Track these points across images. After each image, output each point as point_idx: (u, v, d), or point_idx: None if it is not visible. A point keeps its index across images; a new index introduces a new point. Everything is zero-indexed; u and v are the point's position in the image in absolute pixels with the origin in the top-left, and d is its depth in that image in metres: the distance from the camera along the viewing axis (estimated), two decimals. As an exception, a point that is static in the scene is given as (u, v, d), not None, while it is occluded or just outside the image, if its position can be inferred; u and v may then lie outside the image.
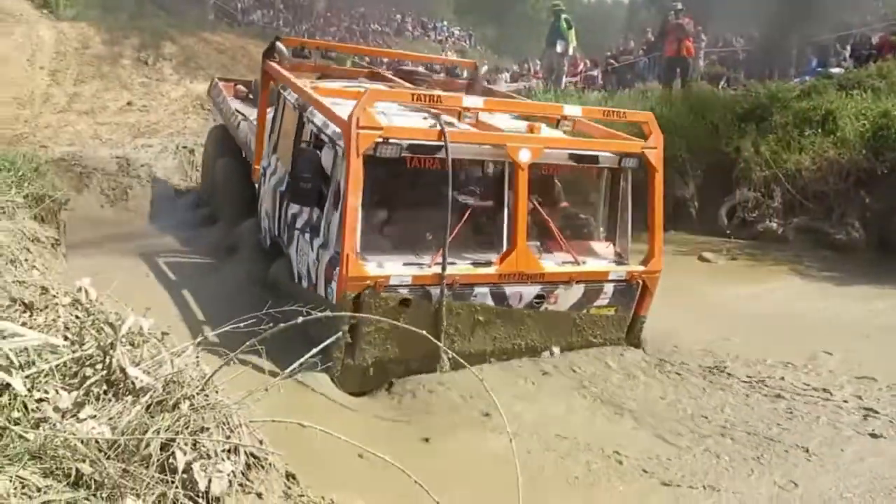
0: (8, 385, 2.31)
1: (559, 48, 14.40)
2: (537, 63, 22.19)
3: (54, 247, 6.64)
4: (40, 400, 2.36)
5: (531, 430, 4.22)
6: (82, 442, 2.14)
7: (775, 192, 9.63)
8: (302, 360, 2.85)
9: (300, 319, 2.81)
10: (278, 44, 7.40)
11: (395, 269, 4.72)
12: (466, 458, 3.96)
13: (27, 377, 2.40)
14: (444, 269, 4.71)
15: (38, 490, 2.00)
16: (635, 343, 5.54)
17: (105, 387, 2.50)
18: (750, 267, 8.45)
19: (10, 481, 1.98)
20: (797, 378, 5.14)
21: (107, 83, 16.23)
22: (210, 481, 2.23)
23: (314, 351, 2.90)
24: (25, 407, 2.30)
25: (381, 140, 4.64)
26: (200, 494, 2.21)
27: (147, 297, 6.27)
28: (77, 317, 2.97)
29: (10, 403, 2.28)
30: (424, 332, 3.09)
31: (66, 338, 2.75)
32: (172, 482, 2.17)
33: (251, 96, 9.65)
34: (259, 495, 2.42)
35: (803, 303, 6.97)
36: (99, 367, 2.57)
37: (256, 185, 7.44)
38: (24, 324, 2.81)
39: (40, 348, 2.56)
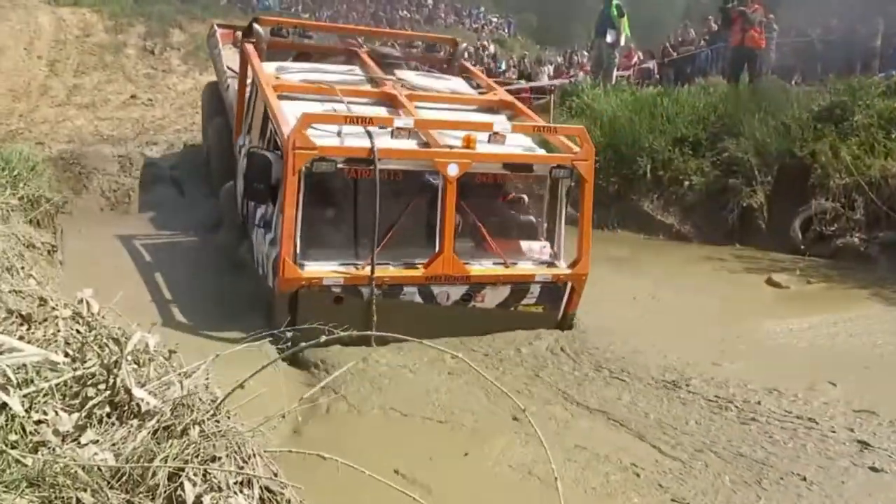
0: (4, 405, 2.37)
1: (609, 38, 14.35)
2: (584, 55, 22.22)
3: (51, 254, 6.80)
4: (39, 422, 2.42)
5: (552, 441, 4.42)
6: (84, 469, 2.19)
7: (857, 202, 9.46)
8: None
9: (323, 339, 2.84)
10: (255, 25, 8.20)
11: (329, 270, 5.90)
12: (505, 472, 4.26)
13: (25, 396, 2.46)
14: (372, 271, 5.85)
15: (36, 521, 2.05)
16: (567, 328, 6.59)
17: (108, 409, 2.56)
18: (826, 290, 8.24)
19: (7, 510, 2.03)
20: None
21: (109, 74, 16.61)
22: (221, 516, 2.26)
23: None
24: (23, 429, 2.36)
25: (316, 158, 5.75)
26: (210, 530, 2.24)
27: (152, 310, 6.57)
28: (78, 331, 3.04)
29: (6, 425, 2.34)
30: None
31: (66, 354, 2.82)
32: (180, 516, 2.20)
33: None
34: (274, 533, 2.45)
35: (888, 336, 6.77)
36: (102, 387, 2.62)
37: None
38: (21, 338, 2.89)
39: (39, 365, 2.63)
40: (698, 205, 10.65)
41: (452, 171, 6.03)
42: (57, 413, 2.46)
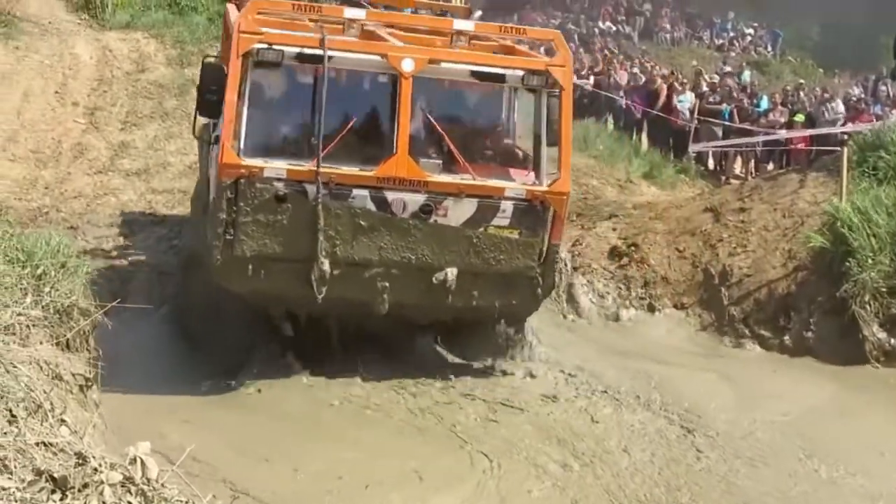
0: None
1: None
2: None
3: (84, 389, 7.32)
4: None
5: None
6: None
7: None
8: None
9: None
10: None
11: (271, 161, 8.36)
12: None
13: None
14: (318, 164, 8.19)
15: None
16: (550, 282, 9.09)
17: None
18: None
19: None
20: None
21: (170, 126, 17.48)
22: None
23: None
24: None
25: (263, 46, 8.33)
26: None
27: (230, 470, 6.98)
28: (130, 504, 3.30)
29: None
30: None
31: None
32: None
33: None
34: None
35: None
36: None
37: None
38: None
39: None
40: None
41: (407, 66, 8.34)
42: None
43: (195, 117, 10.27)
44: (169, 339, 10.55)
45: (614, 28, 35.04)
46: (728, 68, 28.62)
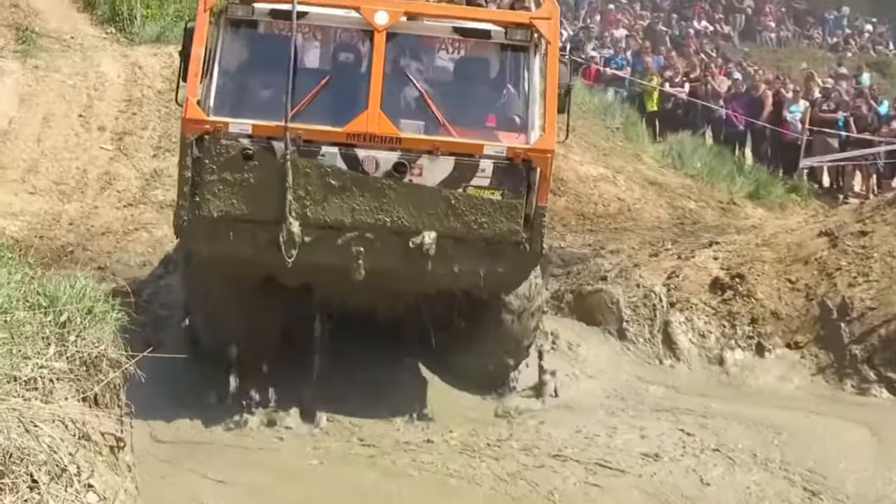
0: None
1: None
2: None
3: (114, 450, 7.32)
4: None
5: None
6: None
7: None
8: None
9: None
10: None
11: (236, 117, 9.19)
12: None
13: None
14: (286, 119, 8.91)
15: None
16: (536, 248, 9.38)
17: None
18: None
19: None
20: None
21: None
22: None
23: None
24: None
25: (232, 1, 9.37)
26: None
27: None
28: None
29: None
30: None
31: None
32: None
33: None
34: None
35: None
36: None
37: None
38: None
39: None
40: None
41: (380, 19, 9.15)
42: None
43: (178, 84, 10.55)
44: (203, 386, 10.57)
45: (711, 28, 34.88)
46: (844, 70, 28.38)
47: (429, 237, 9.09)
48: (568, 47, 26.03)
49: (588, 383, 11.61)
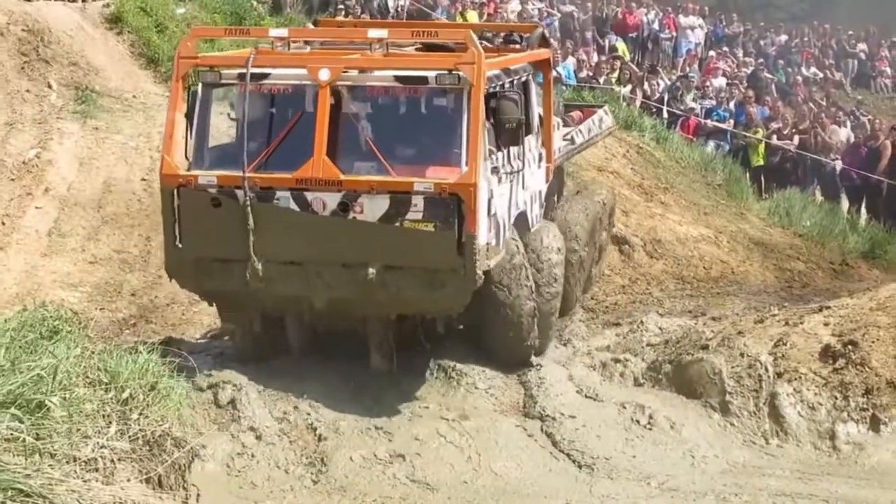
0: None
1: None
2: None
3: (179, 536, 7.43)
4: None
5: None
6: None
7: None
8: None
9: None
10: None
11: (203, 170, 11.29)
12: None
13: None
14: (244, 169, 10.83)
15: None
16: (471, 274, 10.82)
17: None
18: None
19: None
20: None
21: None
22: None
23: None
24: None
25: (203, 68, 11.65)
26: None
27: None
28: None
29: None
30: None
31: None
32: None
33: None
34: None
35: None
36: None
37: None
38: None
39: None
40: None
41: (323, 75, 10.93)
42: None
43: (186, 145, 12.09)
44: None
45: (821, 74, 34.65)
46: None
47: (372, 269, 10.84)
48: (666, 97, 26.19)
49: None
